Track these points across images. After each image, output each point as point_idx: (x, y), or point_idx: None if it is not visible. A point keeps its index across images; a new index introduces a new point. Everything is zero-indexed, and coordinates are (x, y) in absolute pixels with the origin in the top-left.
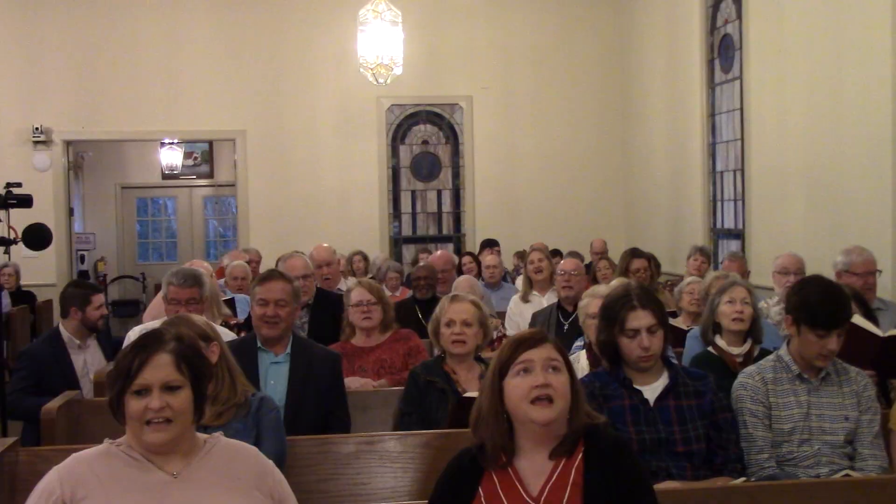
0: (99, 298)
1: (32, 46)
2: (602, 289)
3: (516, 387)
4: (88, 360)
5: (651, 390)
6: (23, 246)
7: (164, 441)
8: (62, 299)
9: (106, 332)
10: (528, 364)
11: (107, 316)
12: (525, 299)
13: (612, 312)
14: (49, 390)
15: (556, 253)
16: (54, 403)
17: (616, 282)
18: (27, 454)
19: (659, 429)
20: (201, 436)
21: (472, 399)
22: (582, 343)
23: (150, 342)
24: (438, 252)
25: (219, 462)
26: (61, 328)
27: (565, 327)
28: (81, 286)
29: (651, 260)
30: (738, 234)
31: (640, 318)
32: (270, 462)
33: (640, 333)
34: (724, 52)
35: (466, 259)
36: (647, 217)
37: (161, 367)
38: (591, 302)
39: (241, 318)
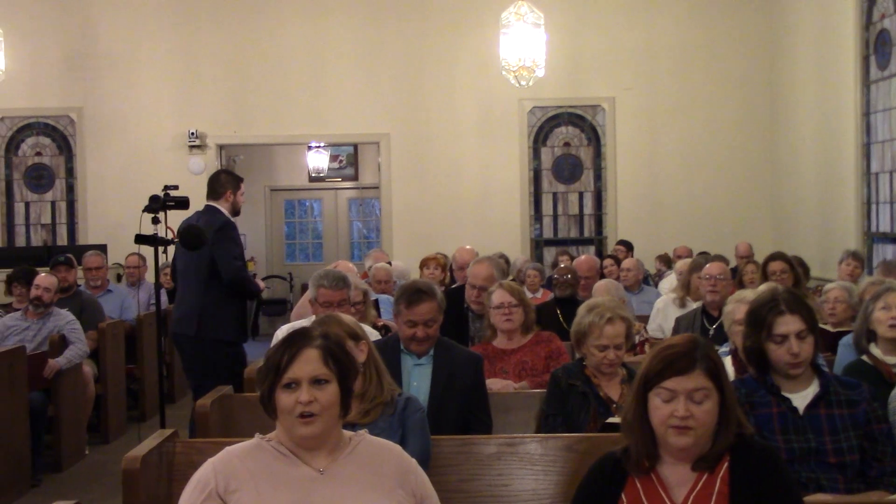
0: None
1: (189, 57)
2: (748, 293)
3: (657, 409)
4: None
5: (801, 398)
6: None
7: (314, 434)
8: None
9: None
10: (672, 394)
11: None
12: (682, 304)
13: (759, 318)
14: None
15: (704, 254)
16: (208, 398)
17: (763, 286)
18: (183, 445)
19: (809, 438)
20: (347, 433)
21: (615, 424)
22: (727, 349)
23: (298, 338)
24: (583, 257)
25: (363, 459)
26: None
27: (710, 332)
28: None
29: (795, 263)
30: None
31: (789, 324)
32: (413, 460)
33: (788, 339)
34: (880, 48)
35: (608, 262)
36: (794, 220)
37: (309, 362)
38: (736, 307)
39: (385, 318)
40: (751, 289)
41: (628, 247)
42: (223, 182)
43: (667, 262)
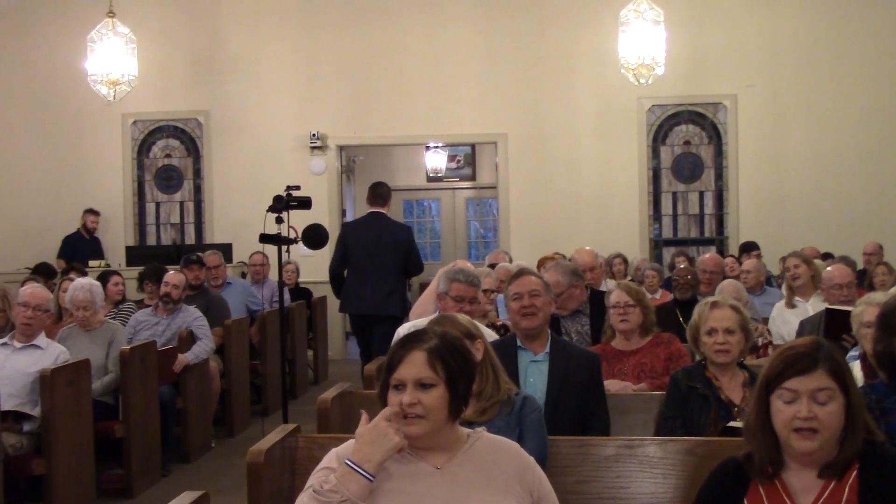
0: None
1: (311, 60)
2: (878, 296)
3: (780, 411)
4: None
5: None
6: (300, 245)
7: (415, 435)
8: None
9: None
10: (794, 395)
11: None
12: (790, 305)
13: (891, 321)
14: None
15: (828, 256)
16: (329, 394)
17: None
18: (305, 440)
19: None
20: (465, 430)
21: (736, 428)
22: (856, 353)
23: (410, 340)
24: (708, 254)
25: (481, 457)
26: None
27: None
28: None
29: None
30: None
31: None
32: (531, 458)
33: None
34: None
35: (729, 261)
36: None
37: (415, 365)
38: (865, 310)
39: (503, 318)
40: (881, 291)
41: (753, 248)
42: (387, 192)
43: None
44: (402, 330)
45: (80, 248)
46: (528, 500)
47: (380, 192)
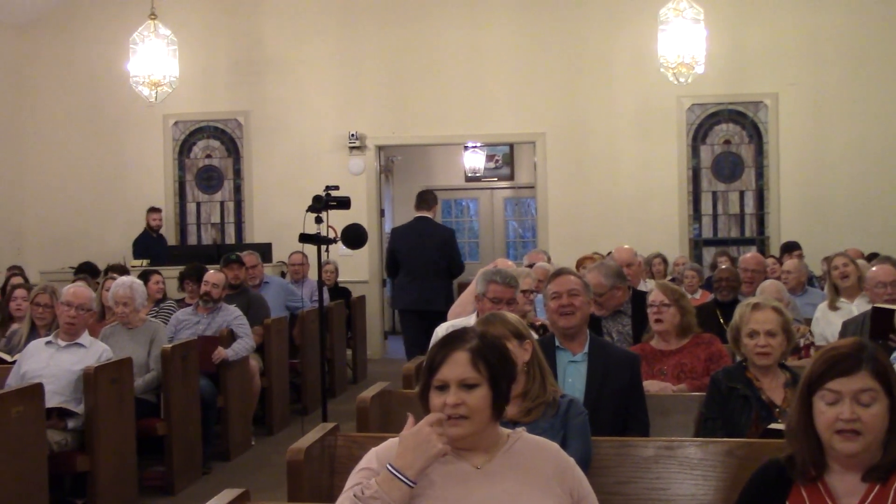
0: None
1: (350, 61)
2: None
3: (822, 413)
4: None
5: None
6: (339, 244)
7: (459, 436)
8: None
9: None
10: (836, 396)
11: None
12: (833, 307)
13: None
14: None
15: (874, 256)
16: (368, 393)
17: None
18: (344, 439)
19: None
20: (505, 431)
21: (777, 430)
22: None
23: (452, 340)
24: (750, 254)
25: (521, 457)
26: None
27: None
28: None
29: None
30: None
31: None
32: (571, 459)
33: None
34: None
35: (770, 261)
36: None
37: (458, 365)
38: None
39: (541, 317)
40: None
41: (795, 247)
42: (432, 199)
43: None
44: (441, 330)
45: (151, 246)
46: (569, 500)
47: (425, 199)
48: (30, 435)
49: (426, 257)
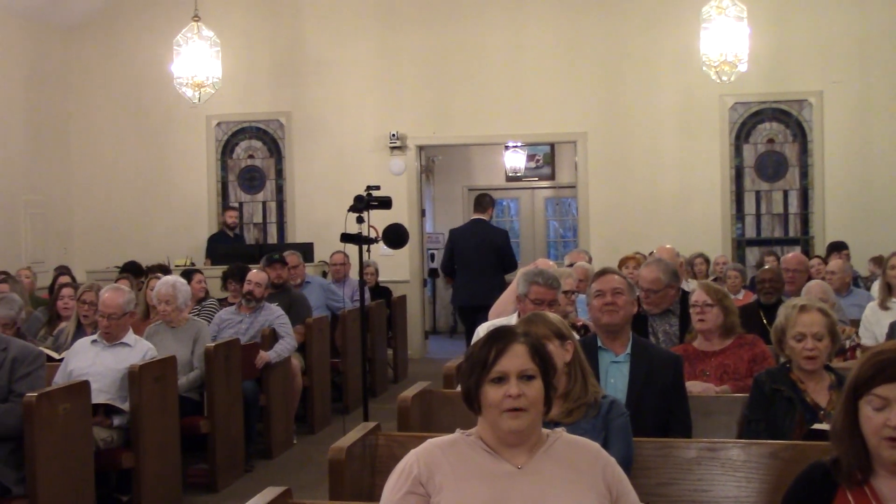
0: None
1: (391, 61)
2: None
3: (869, 419)
4: None
5: None
6: (380, 244)
7: (521, 428)
8: None
9: None
10: (884, 402)
11: None
12: (883, 306)
13: None
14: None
15: None
16: (409, 393)
17: None
18: (385, 438)
19: None
20: (544, 430)
21: (821, 431)
22: None
23: (506, 334)
24: (791, 254)
25: (561, 455)
26: None
27: None
28: None
29: None
30: None
31: None
32: (611, 457)
33: None
34: None
35: (815, 262)
36: None
37: (517, 357)
38: None
39: (583, 317)
40: None
41: (842, 247)
42: (487, 202)
43: (881, 264)
44: (482, 330)
45: (228, 245)
46: (607, 496)
47: (481, 202)
48: (76, 432)
49: (481, 257)
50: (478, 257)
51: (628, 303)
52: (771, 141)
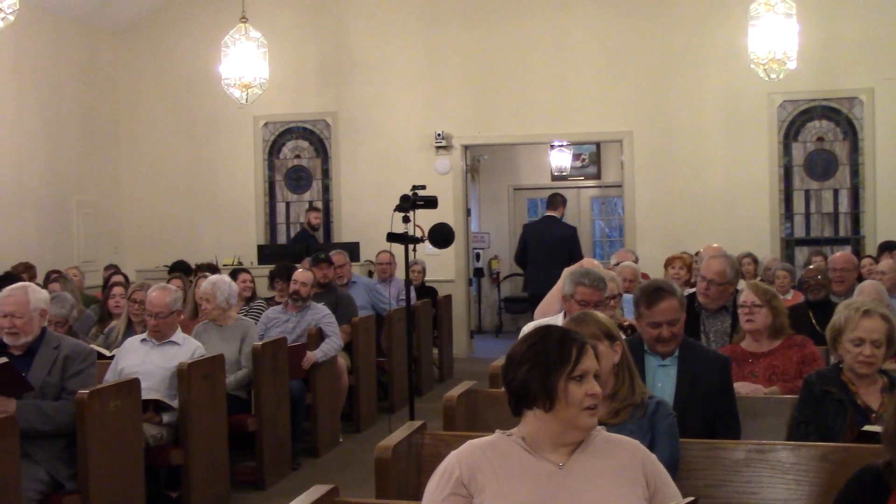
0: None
1: (436, 61)
2: None
3: None
4: None
5: None
6: (427, 244)
7: (595, 426)
8: None
9: None
10: None
11: None
12: None
13: None
14: None
15: None
16: (455, 392)
17: None
18: (430, 437)
19: None
20: None
21: (872, 433)
22: None
23: (577, 335)
24: (839, 253)
25: (600, 453)
26: None
27: None
28: None
29: None
30: None
31: None
32: (650, 453)
33: None
34: None
35: (866, 262)
36: None
37: (591, 358)
38: None
39: (629, 317)
40: None
41: (893, 248)
42: (558, 200)
43: None
44: (528, 328)
45: (310, 245)
46: (644, 487)
47: (552, 201)
48: (127, 429)
49: (551, 250)
50: (548, 250)
51: (682, 323)
52: (821, 139)
